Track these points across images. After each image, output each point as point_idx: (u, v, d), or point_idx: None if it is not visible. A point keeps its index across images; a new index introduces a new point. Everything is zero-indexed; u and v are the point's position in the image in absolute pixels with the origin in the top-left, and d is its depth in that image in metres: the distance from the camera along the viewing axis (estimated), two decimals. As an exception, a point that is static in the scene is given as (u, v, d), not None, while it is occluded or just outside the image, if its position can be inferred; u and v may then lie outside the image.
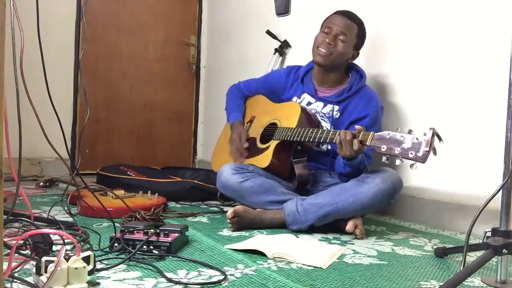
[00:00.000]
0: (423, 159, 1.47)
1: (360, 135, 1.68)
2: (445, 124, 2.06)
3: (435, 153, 1.48)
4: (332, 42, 2.03)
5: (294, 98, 2.18)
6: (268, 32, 3.08)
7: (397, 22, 2.31)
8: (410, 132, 1.53)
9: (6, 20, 0.77)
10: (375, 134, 1.63)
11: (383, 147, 1.57)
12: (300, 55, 2.14)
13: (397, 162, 1.53)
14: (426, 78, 2.17)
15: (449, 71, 2.07)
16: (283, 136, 1.99)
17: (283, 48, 3.02)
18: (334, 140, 1.77)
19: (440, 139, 1.47)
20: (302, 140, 1.90)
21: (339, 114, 2.07)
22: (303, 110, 2.05)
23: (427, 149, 1.46)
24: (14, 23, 1.13)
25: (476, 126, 1.95)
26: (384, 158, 1.57)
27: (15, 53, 1.15)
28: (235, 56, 3.59)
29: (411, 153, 1.49)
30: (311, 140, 1.87)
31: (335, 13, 2.11)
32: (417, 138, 1.50)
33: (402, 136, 1.54)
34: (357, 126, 1.72)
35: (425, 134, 1.49)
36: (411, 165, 1.49)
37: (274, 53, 3.02)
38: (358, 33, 2.08)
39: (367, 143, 1.65)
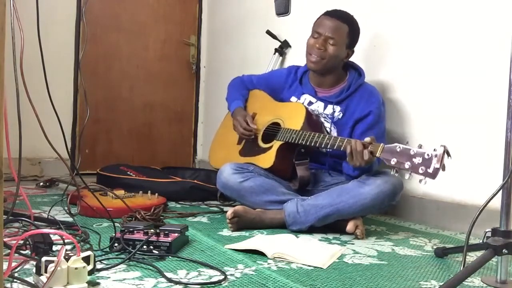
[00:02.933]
0: (433, 176, 1.47)
1: (370, 147, 1.68)
2: (445, 124, 2.07)
3: (444, 169, 1.48)
4: (322, 47, 2.01)
5: (293, 98, 2.18)
6: (268, 32, 3.08)
7: (397, 21, 2.31)
8: (420, 146, 1.53)
9: (6, 20, 0.77)
10: (385, 146, 1.63)
11: (393, 160, 1.57)
12: (300, 55, 2.14)
13: (406, 176, 1.53)
14: (426, 77, 2.17)
15: (450, 72, 2.07)
16: (287, 138, 1.98)
17: (283, 48, 3.02)
18: (342, 148, 1.76)
19: (449, 155, 1.47)
20: (307, 144, 1.90)
21: (341, 114, 2.06)
22: (308, 112, 2.04)
23: (438, 166, 1.46)
24: (14, 23, 1.13)
25: (476, 126, 1.95)
26: (393, 171, 1.57)
27: (15, 53, 1.16)
28: (235, 56, 3.59)
29: (421, 169, 1.49)
30: (317, 145, 1.87)
31: (323, 14, 2.07)
32: (428, 154, 1.49)
33: (413, 150, 1.53)
34: (367, 138, 1.71)
35: (435, 150, 1.48)
36: (420, 181, 1.48)
37: (274, 53, 3.02)
38: (348, 32, 2.04)
39: (376, 155, 1.65)
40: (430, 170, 1.47)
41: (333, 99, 2.09)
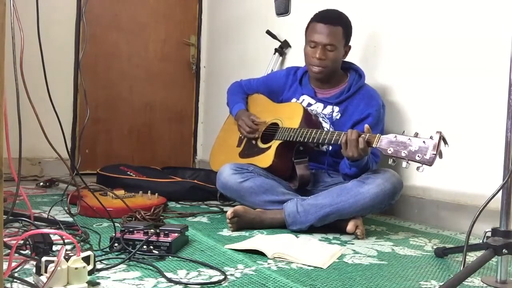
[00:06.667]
0: (430, 162, 1.48)
1: (367, 136, 1.68)
2: (445, 124, 2.06)
3: (441, 156, 1.49)
4: (322, 56, 2.01)
5: (293, 100, 2.18)
6: (268, 32, 3.08)
7: (396, 21, 2.31)
8: (416, 135, 1.54)
9: (6, 20, 0.77)
10: (382, 136, 1.64)
11: (390, 149, 1.58)
12: (300, 55, 2.14)
13: (404, 164, 1.54)
14: (426, 78, 2.17)
15: (450, 72, 2.07)
16: (285, 137, 1.99)
17: (283, 48, 3.02)
18: (339, 141, 1.77)
19: (446, 142, 1.48)
20: (305, 141, 1.90)
21: (339, 115, 2.07)
22: (306, 110, 2.05)
23: (434, 152, 1.47)
24: (14, 23, 1.13)
25: (476, 126, 1.95)
26: (390, 161, 1.58)
27: (15, 53, 1.15)
28: (235, 56, 3.59)
29: (418, 156, 1.50)
30: (315, 141, 1.87)
31: (314, 21, 2.05)
32: (424, 141, 1.51)
33: (409, 139, 1.54)
34: (366, 125, 1.72)
35: (431, 138, 1.49)
36: (418, 168, 1.50)
37: (274, 53, 3.03)
38: (343, 33, 2.04)
39: (373, 145, 1.66)
40: (427, 157, 1.48)
41: (333, 100, 2.09)
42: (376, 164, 1.95)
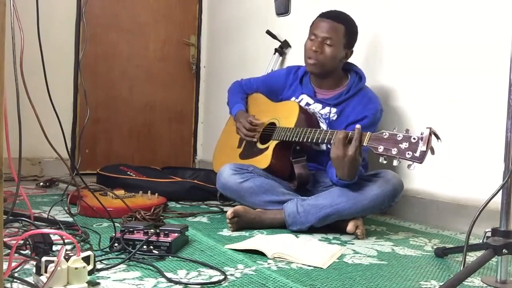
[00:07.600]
0: (420, 160, 1.45)
1: (356, 133, 1.64)
2: (445, 125, 2.06)
3: (432, 152, 1.46)
4: (318, 49, 2.00)
5: (293, 99, 2.18)
6: (268, 32, 3.08)
7: (398, 21, 2.31)
8: (407, 131, 1.51)
9: (6, 20, 0.77)
10: (372, 134, 1.61)
11: (380, 148, 1.55)
12: (300, 55, 2.14)
13: (395, 162, 1.51)
14: (426, 79, 2.17)
15: (449, 71, 2.07)
16: (281, 136, 1.99)
17: (283, 48, 3.02)
18: (332, 141, 1.76)
19: (438, 137, 1.44)
20: (300, 140, 1.89)
21: (336, 116, 2.06)
22: (302, 109, 2.05)
23: (424, 149, 1.44)
24: (14, 23, 1.13)
25: (476, 126, 1.95)
26: (381, 159, 1.55)
27: (15, 53, 1.15)
28: (235, 56, 3.59)
29: (408, 153, 1.47)
30: (309, 140, 1.86)
31: (319, 16, 2.06)
32: (414, 138, 1.47)
33: (399, 136, 1.52)
34: (357, 125, 1.68)
35: (422, 134, 1.46)
36: (409, 166, 1.47)
37: (274, 53, 3.03)
38: (345, 32, 2.02)
39: (363, 143, 1.63)
40: (417, 154, 1.45)
41: (332, 101, 2.08)
42: (364, 170, 1.93)
